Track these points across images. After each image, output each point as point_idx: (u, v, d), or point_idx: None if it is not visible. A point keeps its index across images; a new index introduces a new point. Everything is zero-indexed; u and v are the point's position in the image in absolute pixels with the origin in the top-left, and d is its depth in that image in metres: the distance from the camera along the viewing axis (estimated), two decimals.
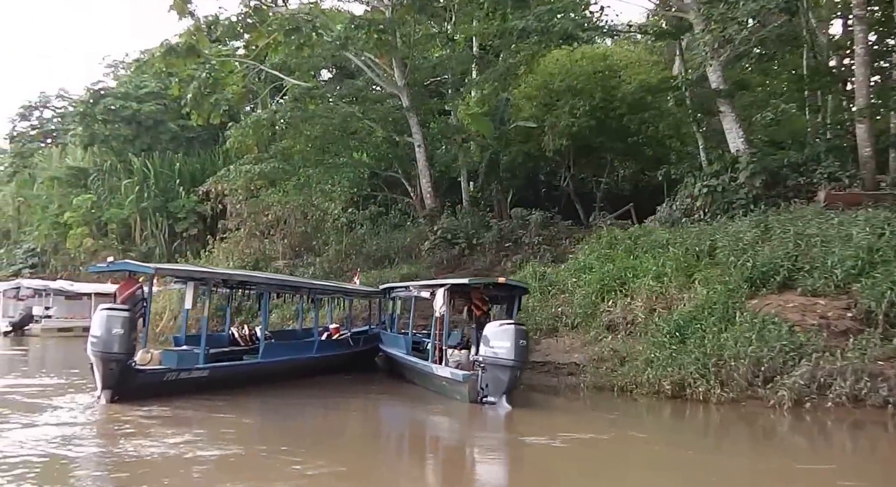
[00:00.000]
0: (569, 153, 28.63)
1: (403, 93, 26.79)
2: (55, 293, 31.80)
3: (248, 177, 25.32)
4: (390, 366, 16.54)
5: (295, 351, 14.76)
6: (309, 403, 12.65)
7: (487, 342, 11.25)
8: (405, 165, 28.30)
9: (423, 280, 23.88)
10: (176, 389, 11.55)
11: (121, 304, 11.98)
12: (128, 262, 13.92)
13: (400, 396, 13.80)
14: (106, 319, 10.69)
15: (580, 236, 24.75)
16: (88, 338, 10.87)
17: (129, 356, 10.91)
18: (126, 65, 46.78)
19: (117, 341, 10.52)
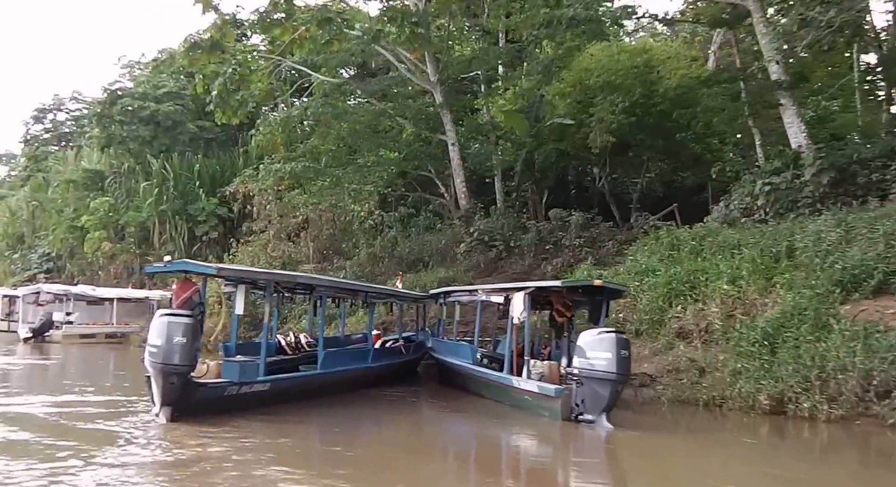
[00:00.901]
0: (605, 152, 27.57)
1: (436, 89, 25.80)
2: (76, 298, 30.78)
3: (277, 176, 24.27)
4: (445, 376, 15.45)
5: (353, 361, 13.61)
6: (376, 419, 11.71)
7: (583, 353, 10.14)
8: (438, 164, 27.24)
9: (461, 284, 23.05)
10: (236, 404, 10.51)
11: (177, 309, 10.86)
12: (187, 261, 12.47)
13: (470, 411, 12.64)
14: (167, 326, 9.52)
15: (622, 239, 23.86)
16: (146, 348, 9.72)
17: (192, 368, 9.80)
18: (143, 65, 45.95)
19: (179, 351, 9.38)
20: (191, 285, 11.45)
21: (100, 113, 39.43)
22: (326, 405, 11.99)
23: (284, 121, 25.05)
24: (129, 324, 31.85)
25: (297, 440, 9.76)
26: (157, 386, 9.65)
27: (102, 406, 11.49)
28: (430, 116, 26.56)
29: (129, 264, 38.89)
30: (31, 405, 11.39)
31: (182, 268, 11.49)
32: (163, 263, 11.46)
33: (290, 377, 11.96)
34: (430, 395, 14.64)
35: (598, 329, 10.49)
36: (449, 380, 15.21)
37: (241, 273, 12.45)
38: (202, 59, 26.74)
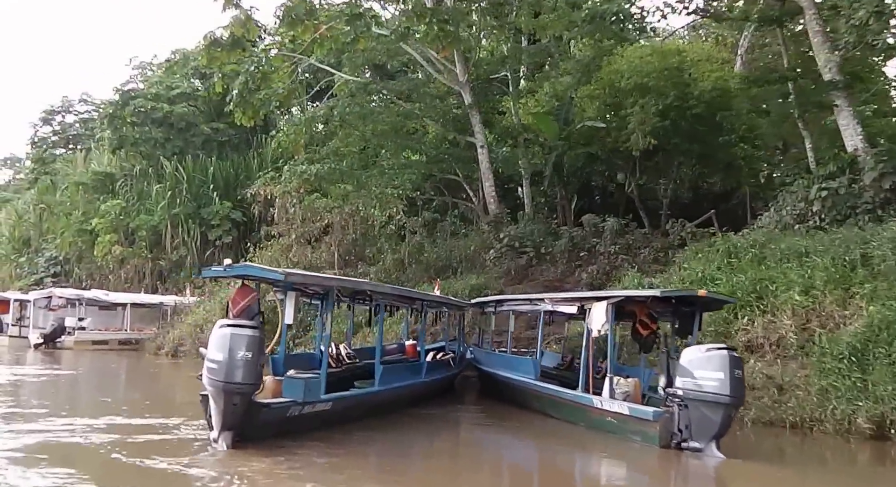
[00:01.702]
0: (634, 157, 26.69)
1: (465, 89, 24.92)
2: (88, 303, 29.85)
3: (302, 178, 23.33)
4: (491, 391, 14.44)
5: (408, 376, 12.55)
6: (444, 443, 10.81)
7: (689, 373, 9.06)
8: (466, 167, 26.30)
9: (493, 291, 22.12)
10: (296, 426, 9.43)
11: (235, 318, 9.67)
12: (250, 265, 11.08)
13: (539, 433, 11.54)
14: (230, 339, 8.36)
15: (658, 246, 23.02)
16: (204, 364, 8.57)
17: (257, 387, 8.66)
18: (155, 66, 45.08)
19: (243, 367, 8.24)
20: (249, 291, 10.36)
21: (111, 114, 38.51)
22: (378, 426, 10.95)
23: (309, 120, 24.10)
24: (142, 330, 30.93)
25: (387, 474, 8.68)
26: (216, 408, 8.50)
27: (150, 433, 10.13)
28: (458, 118, 25.66)
29: (140, 269, 37.96)
30: (72, 431, 9.99)
31: (244, 273, 10.35)
32: (222, 266, 10.23)
33: (352, 395, 10.84)
34: (483, 412, 13.49)
35: (706, 345, 9.40)
36: (497, 395, 14.18)
37: (309, 279, 11.44)
38: (222, 57, 25.93)
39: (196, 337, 25.23)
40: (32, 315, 29.46)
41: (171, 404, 13.99)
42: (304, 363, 11.41)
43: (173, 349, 26.05)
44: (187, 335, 25.77)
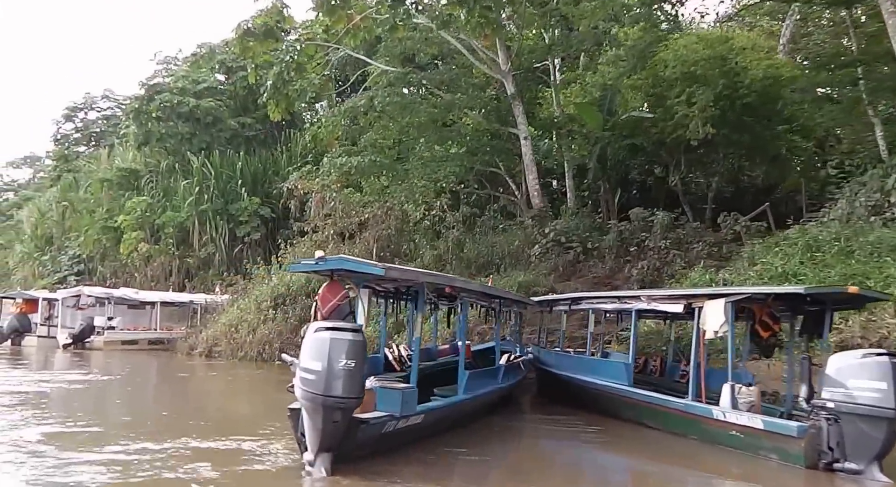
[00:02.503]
0: (679, 149, 25.66)
1: (507, 78, 23.97)
2: (117, 302, 29.08)
3: (342, 171, 22.43)
4: (563, 395, 13.42)
5: (489, 381, 11.50)
6: (544, 461, 9.60)
7: (838, 382, 7.96)
8: (508, 159, 25.33)
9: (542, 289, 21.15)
10: (389, 444, 8.39)
11: (325, 319, 8.62)
12: (345, 258, 9.62)
13: (641, 446, 10.35)
14: (329, 344, 7.20)
15: (711, 240, 22.06)
16: (297, 373, 7.44)
17: (360, 401, 7.47)
18: (180, 61, 44.36)
19: (346, 378, 7.11)
20: (339, 288, 9.30)
21: (137, 109, 37.73)
22: (457, 440, 9.87)
23: (349, 110, 23.21)
24: (171, 329, 30.17)
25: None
26: (311, 425, 7.30)
27: (232, 459, 8.56)
28: (500, 108, 24.71)
29: (167, 267, 37.22)
30: (144, 460, 8.30)
31: (338, 267, 9.14)
32: (313, 259, 8.93)
33: (442, 406, 9.73)
34: (560, 421, 12.19)
35: (861, 351, 8.19)
36: (566, 400, 13.15)
37: (409, 274, 10.08)
38: (255, 47, 25.11)
39: (231, 337, 24.43)
40: (61, 315, 28.65)
41: (241, 419, 12.86)
42: (368, 369, 10.50)
43: (207, 350, 25.20)
44: (222, 334, 24.93)
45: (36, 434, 9.57)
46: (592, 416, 11.93)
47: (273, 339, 23.48)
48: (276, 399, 15.18)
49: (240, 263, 34.62)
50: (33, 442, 9.06)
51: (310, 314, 9.99)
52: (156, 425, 11.24)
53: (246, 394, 17.22)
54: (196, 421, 11.48)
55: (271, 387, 18.33)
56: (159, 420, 11.90)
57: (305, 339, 7.58)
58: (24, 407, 12.20)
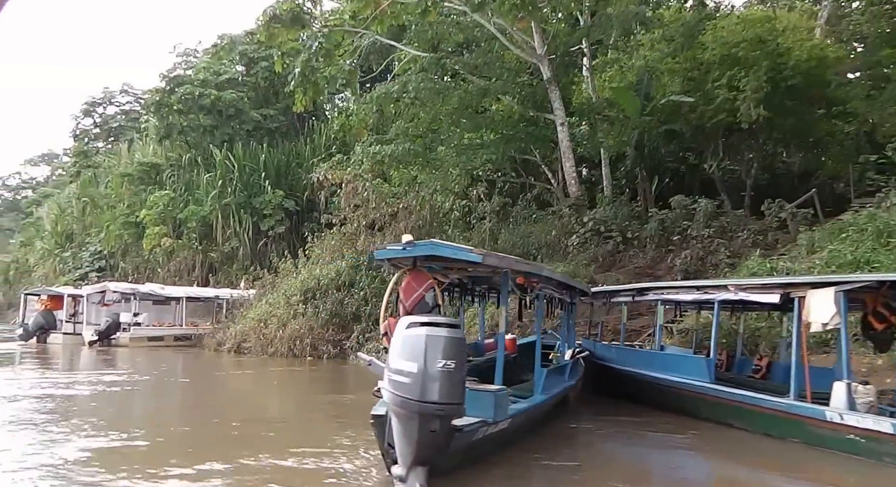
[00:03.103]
0: (717, 134, 24.79)
1: (543, 62, 23.09)
2: (142, 298, 28.49)
3: (375, 159, 21.68)
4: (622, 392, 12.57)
5: (560, 380, 10.65)
6: (643, 464, 8.79)
7: None
8: (544, 146, 24.50)
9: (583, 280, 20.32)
10: (479, 452, 7.49)
11: (410, 311, 7.68)
12: (438, 243, 8.38)
13: (737, 450, 9.31)
14: (426, 342, 6.23)
15: (755, 228, 21.26)
16: (385, 376, 6.53)
17: (461, 407, 6.47)
18: (200, 53, 43.75)
19: (446, 382, 6.15)
20: (424, 277, 8.21)
21: (158, 101, 37.14)
22: (533, 446, 8.94)
23: (382, 97, 22.45)
24: (196, 325, 29.60)
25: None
26: (404, 435, 6.38)
27: (313, 480, 7.40)
28: (535, 94, 23.88)
29: (190, 261, 36.66)
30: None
31: (431, 253, 8.07)
32: (400, 245, 7.98)
33: (526, 409, 8.75)
34: (633, 420, 11.13)
35: None
36: (633, 398, 12.26)
37: (504, 263, 8.71)
38: (281, 34, 24.39)
39: (260, 333, 23.77)
40: (86, 311, 28.09)
41: (305, 426, 11.42)
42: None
43: (236, 346, 24.54)
44: (251, 330, 24.27)
45: (79, 452, 8.37)
46: (661, 415, 11.03)
47: (304, 334, 22.80)
48: (335, 403, 14.27)
49: (264, 257, 34.02)
50: (79, 464, 7.82)
51: (377, 308, 9.19)
52: (214, 436, 10.12)
53: (297, 396, 16.14)
54: (256, 430, 10.37)
55: (321, 387, 17.70)
56: (216, 430, 10.65)
57: (395, 336, 6.64)
58: (61, 416, 11.19)
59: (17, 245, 67.16)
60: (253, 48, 38.50)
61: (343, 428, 10.08)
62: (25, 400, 12.77)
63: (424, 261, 8.35)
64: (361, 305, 23.13)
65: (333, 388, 17.38)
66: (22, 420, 10.51)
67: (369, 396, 7.33)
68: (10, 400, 12.63)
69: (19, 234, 70.83)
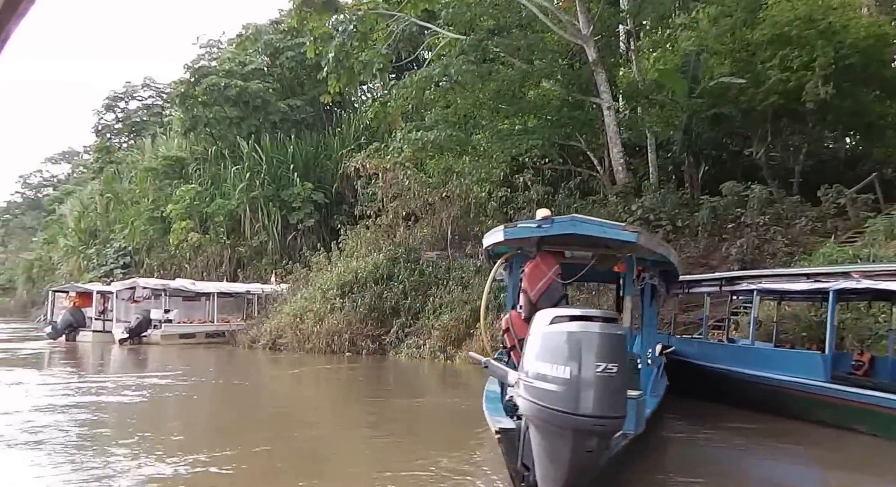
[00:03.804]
0: (766, 118, 23.73)
1: (589, 44, 22.09)
2: (172, 294, 27.72)
3: (417, 146, 20.77)
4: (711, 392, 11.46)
5: (659, 380, 9.56)
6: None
7: None
8: (590, 132, 23.52)
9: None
10: (614, 467, 6.24)
11: (536, 302, 6.56)
12: (581, 218, 7.17)
13: (863, 453, 8.39)
14: (581, 342, 5.06)
15: (813, 215, 20.31)
16: (521, 382, 5.43)
17: (622, 422, 5.32)
18: (224, 43, 42.96)
19: (606, 390, 5.01)
20: (551, 263, 6.99)
21: (183, 93, 36.36)
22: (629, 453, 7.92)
23: (424, 80, 21.55)
24: (228, 321, 28.83)
25: None
26: (550, 456, 5.25)
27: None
28: (580, 77, 22.91)
29: (218, 256, 35.92)
30: None
31: (571, 230, 6.73)
32: (532, 222, 6.79)
33: (648, 416, 7.73)
34: (732, 425, 9.96)
35: None
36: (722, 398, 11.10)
37: (654, 244, 7.69)
38: (313, 18, 23.59)
39: (297, 328, 22.96)
40: (115, 308, 27.34)
41: (400, 441, 9.82)
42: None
43: (271, 342, 23.75)
44: (286, 326, 23.46)
45: (152, 484, 7.03)
46: (762, 419, 9.94)
47: (342, 329, 21.98)
48: (414, 408, 13.00)
49: (294, 251, 33.24)
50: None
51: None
52: (301, 455, 8.75)
53: (370, 399, 14.49)
54: (346, 445, 9.15)
55: (386, 388, 16.72)
56: (300, 446, 9.20)
57: (534, 334, 5.48)
58: (119, 430, 9.95)
59: (40, 243, 66.96)
60: (278, 38, 37.68)
61: (449, 441, 9.06)
62: (72, 410, 11.52)
63: (550, 243, 7.21)
64: (401, 299, 22.29)
65: (401, 389, 16.47)
66: (75, 437, 9.24)
67: (447, 399, 6.35)
68: (55, 410, 11.46)
69: (42, 232, 70.66)
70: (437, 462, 7.78)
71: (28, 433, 9.10)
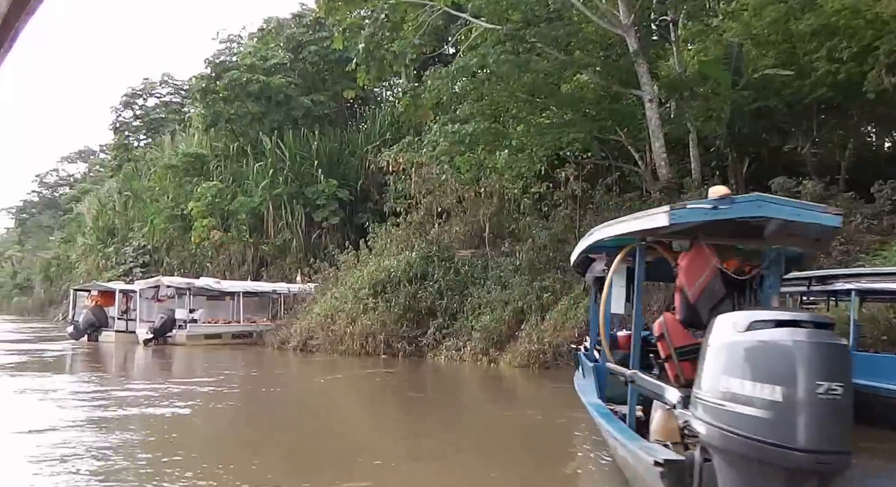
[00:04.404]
0: (812, 111, 22.83)
1: (630, 33, 21.19)
2: (196, 293, 27.01)
3: (455, 139, 19.95)
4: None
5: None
6: None
7: None
8: (632, 126, 22.65)
9: None
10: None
11: (695, 305, 5.68)
12: (765, 196, 5.73)
13: None
14: (794, 354, 4.04)
15: (868, 213, 19.40)
16: (699, 403, 4.51)
17: (850, 457, 4.13)
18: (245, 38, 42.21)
19: (831, 417, 3.99)
20: (709, 256, 5.96)
21: (204, 88, 35.69)
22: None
23: (461, 69, 20.73)
24: (254, 321, 28.11)
25: None
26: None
27: None
28: (620, 68, 22.05)
29: (241, 255, 35.24)
30: None
31: (757, 213, 5.43)
32: (707, 202, 5.54)
33: None
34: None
35: None
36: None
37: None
38: (342, 8, 22.83)
39: (328, 329, 22.19)
40: (139, 307, 26.62)
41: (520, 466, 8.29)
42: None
43: (302, 343, 22.98)
44: (317, 326, 22.71)
45: None
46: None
47: (377, 330, 21.18)
48: (485, 424, 11.55)
49: (318, 249, 32.54)
50: None
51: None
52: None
53: (446, 410, 13.07)
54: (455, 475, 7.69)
55: (460, 396, 15.52)
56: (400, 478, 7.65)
57: (716, 342, 4.49)
58: (183, 456, 8.26)
59: (58, 242, 66.73)
60: (301, 32, 36.98)
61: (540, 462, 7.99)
62: (112, 426, 10.16)
63: (712, 232, 6.15)
64: (436, 299, 21.45)
65: (460, 398, 15.09)
66: (122, 462, 7.82)
67: (509, 411, 5.39)
68: (95, 425, 10.12)
69: (59, 230, 70.47)
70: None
71: (64, 458, 7.81)
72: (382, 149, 29.54)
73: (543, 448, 9.21)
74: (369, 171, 32.89)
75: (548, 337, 17.80)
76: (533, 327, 18.49)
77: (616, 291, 7.07)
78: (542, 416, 11.25)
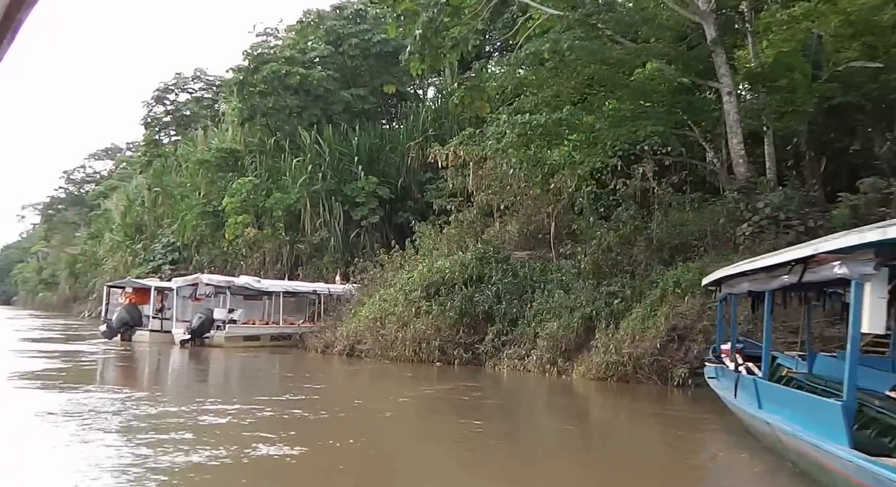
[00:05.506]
0: (893, 109, 21.20)
1: (708, 20, 19.67)
2: (234, 292, 25.66)
3: (525, 130, 18.47)
4: None
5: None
6: None
7: None
8: (709, 120, 21.09)
9: None
10: None
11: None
12: None
13: None
14: None
15: None
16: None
17: None
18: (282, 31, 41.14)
19: None
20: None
21: (241, 81, 34.46)
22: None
23: (532, 54, 19.28)
24: (291, 323, 26.76)
25: None
26: None
27: None
28: (697, 58, 20.51)
29: (275, 253, 33.93)
30: None
31: None
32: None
33: None
34: None
35: None
36: None
37: None
38: None
39: (378, 333, 20.75)
40: (175, 306, 25.26)
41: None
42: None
43: (349, 348, 21.54)
44: (365, 330, 21.28)
45: None
46: None
47: (431, 336, 19.70)
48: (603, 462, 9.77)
49: (356, 248, 31.22)
50: None
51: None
52: None
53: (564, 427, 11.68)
54: None
55: (593, 418, 13.80)
56: None
57: None
58: None
59: (84, 238, 66.10)
60: (341, 24, 35.69)
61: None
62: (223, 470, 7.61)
63: None
64: (494, 303, 19.93)
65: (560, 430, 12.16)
66: None
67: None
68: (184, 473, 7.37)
69: (86, 227, 69.86)
70: None
71: None
72: (425, 146, 28.15)
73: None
74: (410, 168, 31.55)
75: (626, 348, 16.16)
76: (609, 336, 16.90)
77: (873, 303, 5.44)
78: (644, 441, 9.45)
